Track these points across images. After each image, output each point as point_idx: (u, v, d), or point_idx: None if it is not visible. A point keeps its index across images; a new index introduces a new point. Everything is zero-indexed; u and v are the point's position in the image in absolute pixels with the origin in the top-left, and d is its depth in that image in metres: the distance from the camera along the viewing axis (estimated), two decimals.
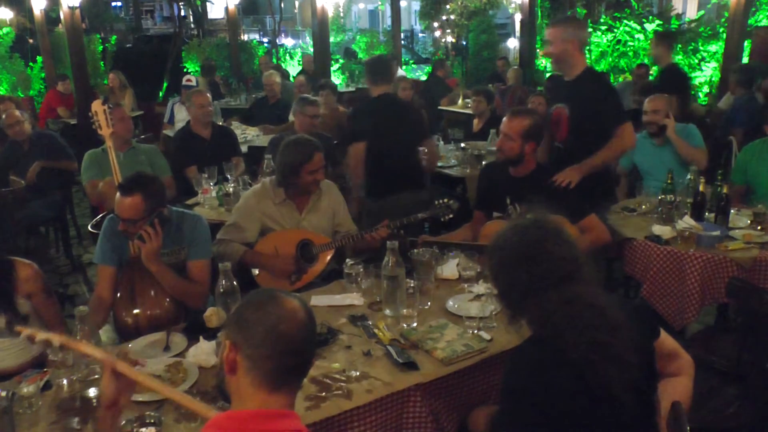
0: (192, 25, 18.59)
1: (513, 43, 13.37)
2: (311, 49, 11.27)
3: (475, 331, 2.23)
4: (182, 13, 16.92)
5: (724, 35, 8.18)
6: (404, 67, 12.22)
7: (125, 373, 1.53)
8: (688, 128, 4.05)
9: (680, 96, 5.16)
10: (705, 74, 8.99)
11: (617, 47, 9.93)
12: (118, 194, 2.56)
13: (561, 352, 1.54)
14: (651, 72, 7.46)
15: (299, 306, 1.39)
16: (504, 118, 3.15)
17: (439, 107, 8.00)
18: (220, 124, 5.76)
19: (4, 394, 1.82)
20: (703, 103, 8.17)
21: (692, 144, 3.95)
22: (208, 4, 17.32)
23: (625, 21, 9.82)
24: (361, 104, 5.21)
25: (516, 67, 8.92)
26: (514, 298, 1.67)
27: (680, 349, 1.87)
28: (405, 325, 2.32)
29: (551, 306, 1.58)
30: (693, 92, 7.91)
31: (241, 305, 1.42)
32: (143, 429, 1.74)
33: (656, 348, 1.74)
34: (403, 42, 14.99)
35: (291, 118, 5.45)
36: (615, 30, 9.94)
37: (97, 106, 2.87)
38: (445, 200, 3.08)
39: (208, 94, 4.77)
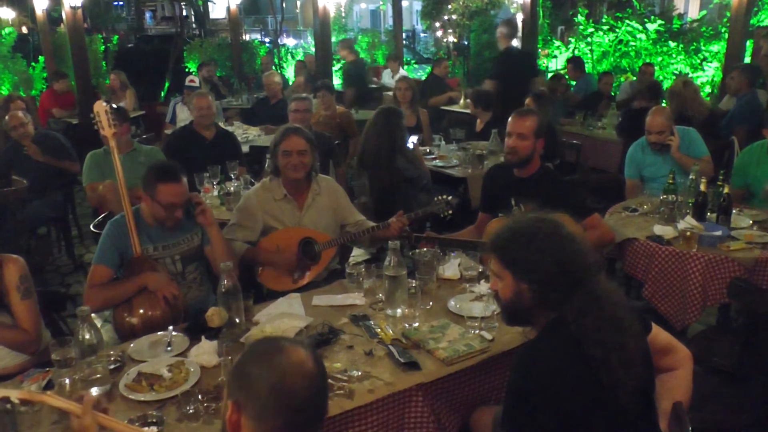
0: (194, 25, 18.60)
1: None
2: (313, 49, 11.25)
3: (477, 331, 2.24)
4: (184, 13, 16.93)
5: (726, 35, 8.16)
6: (406, 67, 12.20)
7: (100, 423, 1.47)
8: (690, 134, 4.01)
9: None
10: (707, 74, 8.98)
11: (619, 47, 9.93)
12: (164, 184, 2.62)
13: (574, 351, 1.53)
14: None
15: (307, 356, 1.28)
16: (511, 120, 3.14)
17: (440, 107, 7.94)
18: (222, 124, 5.75)
19: None
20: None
21: (695, 151, 3.91)
22: (209, 4, 17.32)
23: (627, 21, 9.81)
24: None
25: None
26: (563, 285, 1.59)
27: (676, 343, 1.86)
28: (407, 325, 2.32)
29: (599, 295, 1.56)
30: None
31: (243, 358, 1.30)
32: (145, 429, 1.74)
33: (649, 343, 1.73)
34: (404, 42, 14.97)
35: None
36: (617, 30, 9.93)
37: (98, 106, 2.85)
38: (445, 196, 3.08)
39: (210, 97, 4.73)
